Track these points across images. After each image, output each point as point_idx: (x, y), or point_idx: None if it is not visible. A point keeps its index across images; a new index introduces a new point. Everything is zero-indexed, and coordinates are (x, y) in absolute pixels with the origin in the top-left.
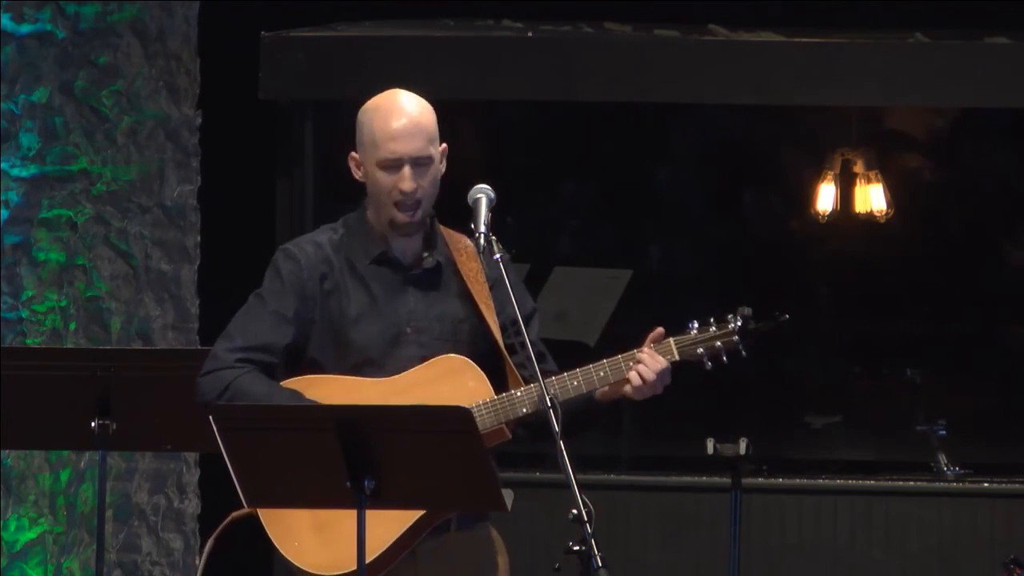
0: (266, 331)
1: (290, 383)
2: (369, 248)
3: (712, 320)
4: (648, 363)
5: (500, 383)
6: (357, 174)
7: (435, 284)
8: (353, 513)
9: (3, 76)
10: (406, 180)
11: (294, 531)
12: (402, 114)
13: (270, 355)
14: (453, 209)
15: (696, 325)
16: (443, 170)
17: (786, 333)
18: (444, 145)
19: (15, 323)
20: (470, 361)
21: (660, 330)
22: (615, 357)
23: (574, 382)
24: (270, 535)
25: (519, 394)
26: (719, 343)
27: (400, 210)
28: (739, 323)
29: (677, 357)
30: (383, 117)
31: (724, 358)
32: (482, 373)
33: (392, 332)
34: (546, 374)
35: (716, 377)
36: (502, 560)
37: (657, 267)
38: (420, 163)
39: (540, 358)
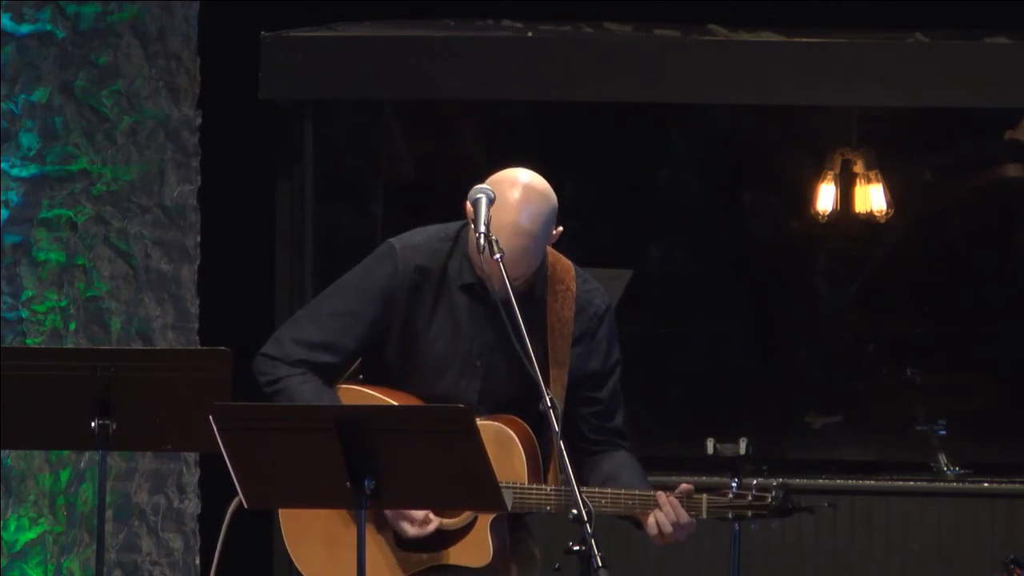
0: (337, 330)
1: (342, 391)
2: (464, 272)
3: (754, 483)
4: (667, 513)
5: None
6: (469, 218)
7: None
8: (366, 537)
9: (3, 76)
10: (497, 283)
11: (307, 536)
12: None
13: (332, 355)
14: (453, 209)
15: (735, 486)
16: (553, 241)
17: (786, 333)
18: (560, 228)
19: (15, 323)
20: (513, 435)
21: (690, 487)
22: (648, 493)
23: (603, 500)
24: (284, 532)
25: (549, 491)
26: (751, 513)
27: (493, 281)
28: (778, 501)
29: (704, 516)
30: (501, 222)
31: (752, 524)
32: (521, 451)
33: (461, 361)
34: (607, 432)
35: (716, 377)
36: (534, 568)
37: (657, 267)
38: (524, 262)
39: (608, 416)
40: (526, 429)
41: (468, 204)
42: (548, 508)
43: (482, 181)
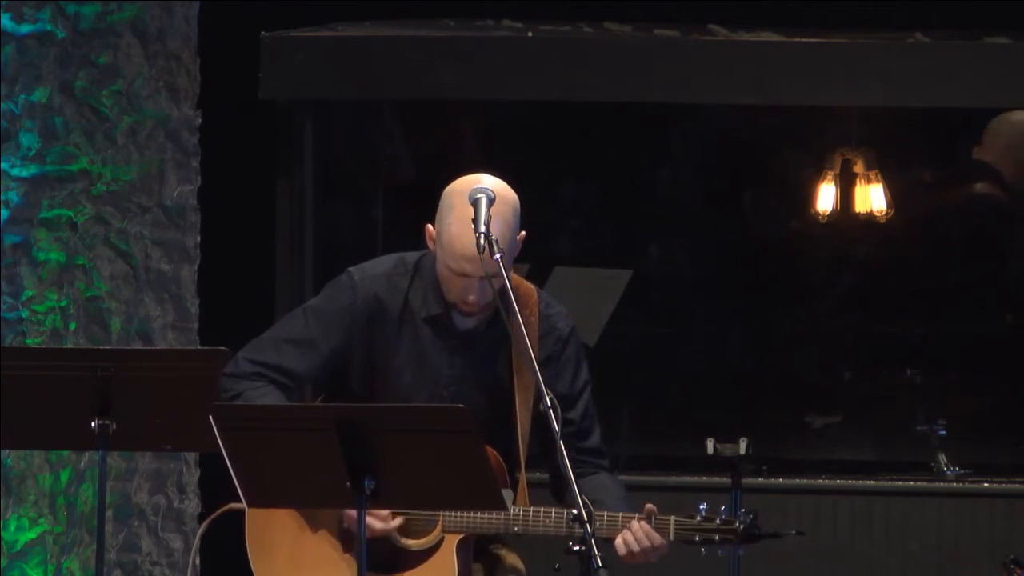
0: (296, 358)
1: None
2: (429, 303)
3: (722, 510)
4: (636, 535)
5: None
6: (430, 245)
7: (483, 352)
8: (330, 556)
9: (3, 76)
10: (473, 294)
11: (272, 554)
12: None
13: (290, 380)
14: None
15: (703, 511)
16: (517, 253)
17: (786, 333)
18: (523, 233)
19: (15, 323)
20: (492, 462)
21: (651, 507)
22: (616, 514)
23: (571, 520)
24: (248, 548)
25: (518, 512)
26: (717, 537)
27: (464, 307)
28: (744, 526)
29: (672, 538)
30: (464, 229)
31: (718, 550)
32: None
33: (428, 391)
34: (584, 453)
35: (716, 377)
36: None
37: (657, 267)
38: (491, 276)
39: (582, 436)
40: (497, 457)
41: (430, 227)
42: (516, 529)
43: (479, 181)
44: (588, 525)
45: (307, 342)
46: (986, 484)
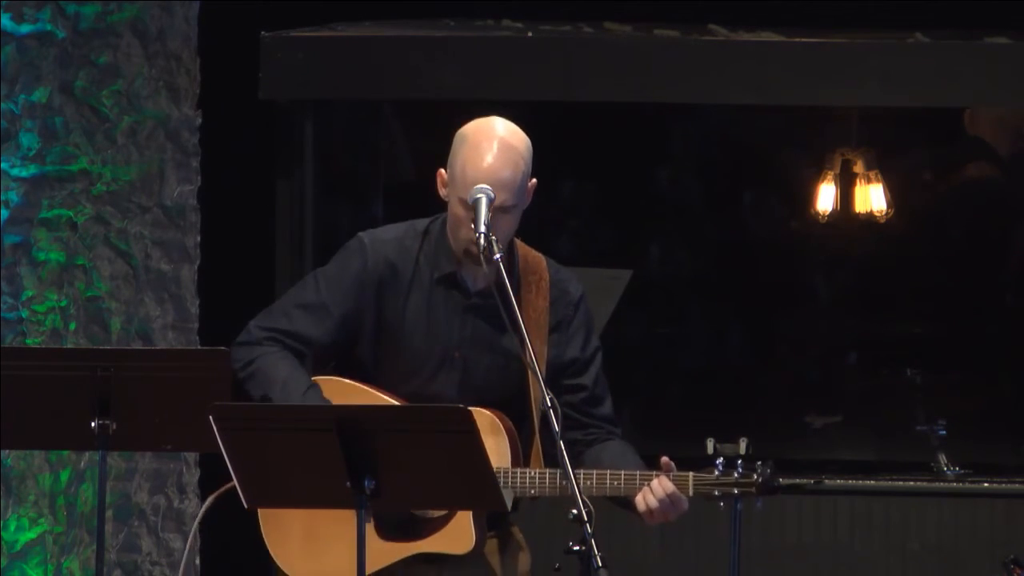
0: (308, 323)
1: (320, 382)
2: (440, 264)
3: (739, 463)
4: (655, 491)
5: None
6: (442, 191)
7: (495, 315)
8: (345, 532)
9: (3, 76)
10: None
11: (286, 533)
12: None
13: (303, 345)
14: None
15: (721, 465)
16: (528, 203)
17: (786, 333)
18: (534, 181)
19: (15, 323)
20: (500, 425)
21: (667, 460)
22: (633, 473)
23: (588, 482)
24: (263, 531)
25: (533, 474)
26: (737, 490)
27: (474, 247)
28: (763, 478)
29: (691, 494)
30: (476, 155)
31: (737, 503)
32: (507, 440)
33: (440, 354)
34: (597, 419)
35: (716, 377)
36: (524, 559)
37: (657, 267)
38: (503, 211)
39: (595, 402)
40: (511, 425)
41: (442, 171)
42: (532, 492)
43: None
44: (588, 525)
45: (318, 306)
46: (986, 484)
